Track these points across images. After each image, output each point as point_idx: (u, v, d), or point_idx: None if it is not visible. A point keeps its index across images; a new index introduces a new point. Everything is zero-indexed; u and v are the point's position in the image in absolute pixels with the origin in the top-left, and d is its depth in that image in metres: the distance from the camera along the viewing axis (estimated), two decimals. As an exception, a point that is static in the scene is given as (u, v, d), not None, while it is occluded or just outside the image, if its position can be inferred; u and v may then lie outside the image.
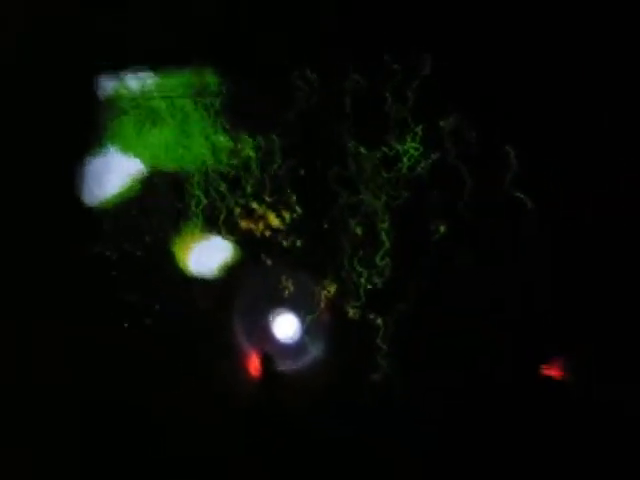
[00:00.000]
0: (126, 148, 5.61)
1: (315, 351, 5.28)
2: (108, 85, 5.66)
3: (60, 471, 5.12)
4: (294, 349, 5.33)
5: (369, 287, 5.22)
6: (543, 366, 4.94)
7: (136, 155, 5.59)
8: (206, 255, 5.51)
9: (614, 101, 5.00)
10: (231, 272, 5.46)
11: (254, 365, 5.36)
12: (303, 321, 5.34)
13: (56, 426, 5.24)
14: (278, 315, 5.39)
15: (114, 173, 5.63)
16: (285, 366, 5.30)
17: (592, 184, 4.98)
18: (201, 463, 5.12)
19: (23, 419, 5.22)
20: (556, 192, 5.01)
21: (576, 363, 4.92)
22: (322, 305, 5.29)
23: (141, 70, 5.58)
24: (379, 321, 5.17)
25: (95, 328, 5.37)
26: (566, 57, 5.02)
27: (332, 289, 5.29)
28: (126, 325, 5.47)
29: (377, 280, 5.20)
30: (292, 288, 5.37)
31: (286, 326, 5.38)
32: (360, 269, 5.23)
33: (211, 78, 5.45)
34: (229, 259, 5.48)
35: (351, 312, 5.24)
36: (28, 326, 5.38)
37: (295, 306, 5.36)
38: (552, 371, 4.92)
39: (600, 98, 5.00)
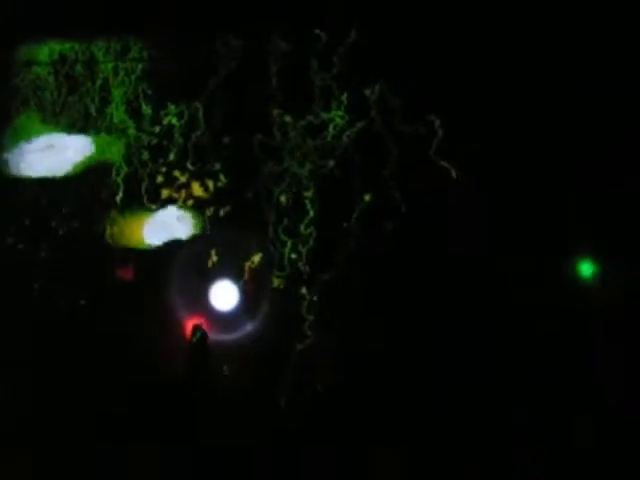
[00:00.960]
0: (44, 116, 5.43)
1: (240, 321, 5.19)
2: (26, 52, 5.47)
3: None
4: (221, 319, 5.24)
5: (294, 256, 5.15)
6: None
7: (55, 123, 5.41)
8: (131, 226, 5.37)
9: (534, 72, 5.06)
10: (155, 243, 5.33)
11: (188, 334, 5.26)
12: (227, 292, 5.24)
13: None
14: (203, 286, 5.28)
15: (34, 142, 5.44)
16: (214, 335, 5.20)
17: (518, 151, 5.02)
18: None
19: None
20: (480, 160, 5.03)
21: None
22: (246, 276, 5.20)
23: (60, 36, 5.39)
24: (304, 291, 5.10)
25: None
26: (487, 30, 5.06)
27: (256, 259, 5.20)
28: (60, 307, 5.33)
29: (302, 249, 5.14)
30: (216, 259, 5.26)
31: (213, 296, 5.27)
32: (284, 238, 5.16)
33: (133, 43, 5.31)
34: (153, 230, 5.35)
35: (276, 282, 5.16)
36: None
37: (219, 277, 5.26)
38: None
39: (518, 70, 5.06)
